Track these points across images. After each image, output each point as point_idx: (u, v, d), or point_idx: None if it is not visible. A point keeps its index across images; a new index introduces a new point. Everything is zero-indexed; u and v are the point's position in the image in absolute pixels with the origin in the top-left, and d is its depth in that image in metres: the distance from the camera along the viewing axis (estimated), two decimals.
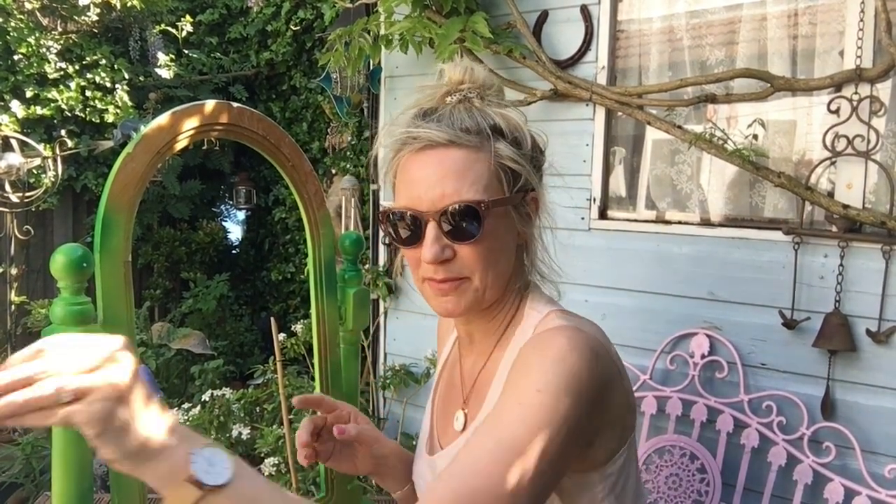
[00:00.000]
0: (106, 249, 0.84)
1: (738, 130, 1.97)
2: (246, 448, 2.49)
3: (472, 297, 0.86)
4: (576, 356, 0.79)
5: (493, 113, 0.87)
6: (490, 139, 0.84)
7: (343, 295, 1.21)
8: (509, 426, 0.76)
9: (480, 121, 0.85)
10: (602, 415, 0.82)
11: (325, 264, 1.16)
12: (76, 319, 0.78)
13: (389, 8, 2.36)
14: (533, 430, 0.74)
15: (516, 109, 0.90)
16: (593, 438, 0.83)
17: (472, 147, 0.83)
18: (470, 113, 0.85)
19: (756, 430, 1.85)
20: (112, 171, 0.86)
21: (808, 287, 1.86)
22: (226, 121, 0.95)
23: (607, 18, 2.19)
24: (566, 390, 0.77)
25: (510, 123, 0.87)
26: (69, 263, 0.78)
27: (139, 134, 0.87)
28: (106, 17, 4.14)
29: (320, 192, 1.15)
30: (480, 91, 0.88)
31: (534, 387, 0.78)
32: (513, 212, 0.87)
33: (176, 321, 4.34)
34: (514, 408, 0.78)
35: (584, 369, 0.78)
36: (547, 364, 0.79)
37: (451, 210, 0.81)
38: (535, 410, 0.76)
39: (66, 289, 0.79)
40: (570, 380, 0.77)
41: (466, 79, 0.88)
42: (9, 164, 3.22)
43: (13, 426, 3.18)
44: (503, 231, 0.86)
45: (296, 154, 1.07)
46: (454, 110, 0.85)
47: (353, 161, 3.98)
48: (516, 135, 0.87)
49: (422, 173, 0.84)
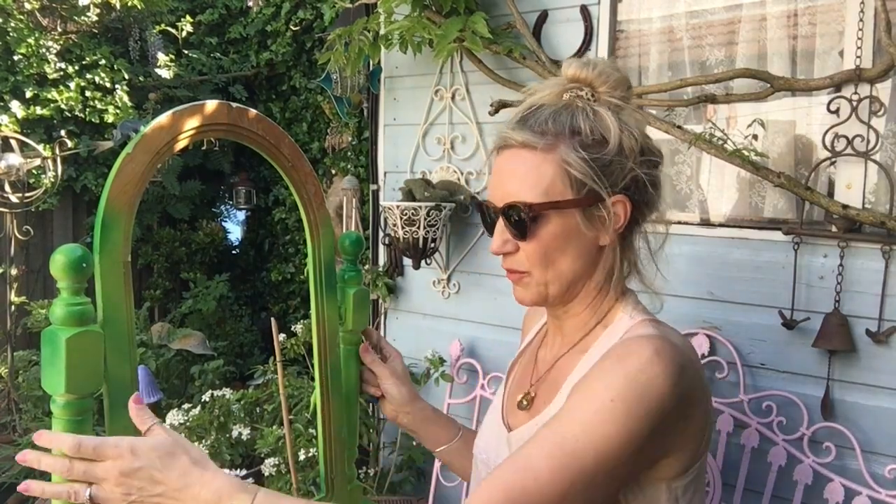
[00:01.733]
0: (106, 250, 0.84)
1: (738, 130, 1.97)
2: (246, 448, 2.49)
3: (536, 290, 0.90)
4: (659, 369, 0.78)
5: (586, 114, 0.87)
6: (566, 141, 0.85)
7: (343, 295, 1.20)
8: (574, 431, 0.75)
9: (564, 122, 0.86)
10: (678, 431, 0.80)
11: (324, 265, 1.16)
12: (76, 320, 0.78)
13: (389, 8, 2.36)
14: (596, 440, 0.74)
15: (633, 111, 0.90)
16: (666, 452, 0.81)
17: (543, 149, 0.85)
18: (561, 114, 0.87)
19: (756, 431, 1.85)
20: (111, 171, 0.86)
21: (807, 287, 1.86)
22: (225, 121, 0.95)
23: (607, 18, 2.20)
24: (640, 404, 0.75)
25: (596, 126, 0.86)
26: (69, 264, 0.78)
27: (139, 134, 0.87)
28: (106, 17, 4.14)
29: (320, 193, 1.15)
30: (593, 89, 0.88)
31: (608, 395, 0.77)
32: (580, 215, 0.86)
33: (176, 321, 4.34)
34: (583, 412, 0.77)
35: (665, 385, 0.77)
36: (627, 373, 0.78)
37: (506, 209, 0.87)
38: (604, 419, 0.75)
39: (66, 289, 0.79)
40: (646, 393, 0.76)
41: (581, 76, 0.89)
42: (8, 164, 3.22)
43: (13, 425, 3.17)
44: (564, 232, 0.86)
45: (295, 154, 1.07)
46: (545, 111, 0.88)
47: (353, 161, 3.98)
48: (597, 138, 0.86)
49: (496, 171, 0.91)
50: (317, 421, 1.22)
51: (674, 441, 0.81)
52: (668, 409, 0.77)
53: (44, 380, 0.79)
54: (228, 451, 2.44)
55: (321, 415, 1.20)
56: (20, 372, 3.44)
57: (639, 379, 0.77)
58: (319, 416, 1.21)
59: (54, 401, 0.79)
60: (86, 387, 0.80)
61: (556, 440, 0.76)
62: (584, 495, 0.73)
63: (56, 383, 0.77)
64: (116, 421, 0.85)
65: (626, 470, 0.78)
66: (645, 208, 0.90)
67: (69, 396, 0.78)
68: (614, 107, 0.88)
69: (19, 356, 3.54)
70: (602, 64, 0.90)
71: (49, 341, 0.77)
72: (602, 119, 0.86)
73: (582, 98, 0.87)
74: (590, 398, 0.78)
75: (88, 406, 0.81)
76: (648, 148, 0.89)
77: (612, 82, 0.88)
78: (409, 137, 2.67)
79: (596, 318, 0.92)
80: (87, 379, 0.79)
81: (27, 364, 3.50)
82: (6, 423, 3.34)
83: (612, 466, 0.75)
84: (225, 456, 2.43)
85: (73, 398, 0.79)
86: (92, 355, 0.79)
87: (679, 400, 0.78)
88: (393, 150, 2.74)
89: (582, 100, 0.87)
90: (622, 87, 0.90)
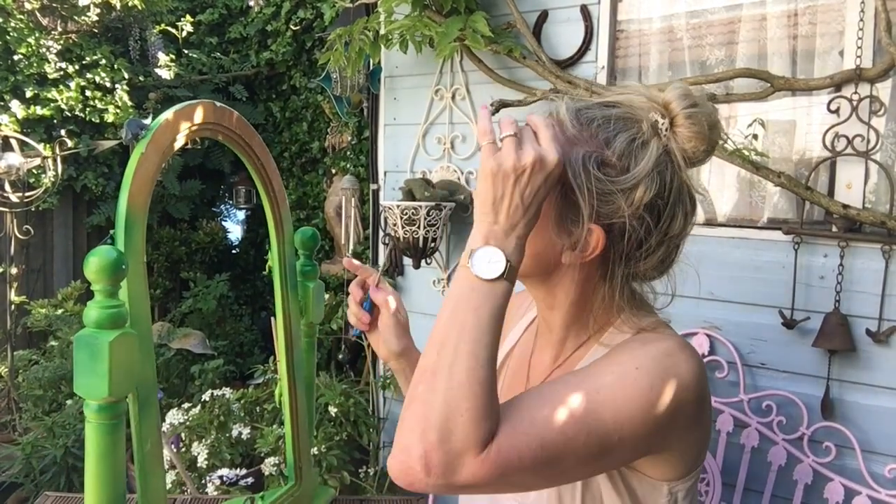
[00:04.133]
0: (130, 251, 0.83)
1: (738, 130, 1.97)
2: (246, 448, 2.49)
3: None
4: (684, 357, 0.77)
5: (636, 139, 0.78)
6: (590, 145, 0.79)
7: (303, 289, 1.23)
8: (594, 384, 0.74)
9: (608, 130, 0.79)
10: (689, 429, 0.79)
11: (288, 260, 1.18)
12: (111, 322, 0.77)
13: (389, 7, 2.36)
14: (616, 400, 0.72)
15: (684, 171, 0.80)
16: (674, 449, 0.80)
17: (567, 138, 0.80)
18: (617, 122, 0.79)
19: (756, 430, 1.85)
20: (128, 171, 0.85)
21: (807, 287, 1.86)
22: (213, 119, 0.96)
23: (607, 18, 2.20)
24: (664, 381, 0.74)
25: (632, 153, 0.78)
26: (105, 266, 0.76)
27: (149, 132, 0.86)
28: (106, 17, 4.14)
29: (282, 190, 1.18)
30: (673, 125, 0.80)
31: (633, 363, 0.76)
32: (553, 216, 0.80)
33: (176, 321, 4.34)
34: (606, 372, 0.76)
35: (689, 373, 0.76)
36: (653, 353, 0.78)
37: None
38: (625, 384, 0.74)
39: (101, 292, 0.77)
40: (671, 374, 0.75)
41: (672, 105, 0.80)
42: (9, 164, 3.22)
43: (13, 424, 3.17)
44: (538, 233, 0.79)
45: (264, 153, 1.11)
46: (609, 110, 0.81)
47: (353, 161, 3.98)
48: (622, 164, 0.78)
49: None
50: (283, 412, 1.25)
51: (684, 439, 0.80)
52: (688, 400, 0.76)
53: (79, 385, 0.77)
54: (228, 451, 2.44)
55: (289, 406, 1.23)
56: (20, 371, 3.44)
57: (664, 361, 0.76)
58: (287, 408, 1.23)
59: (88, 405, 0.77)
60: (125, 389, 0.79)
61: (574, 386, 0.74)
62: (584, 451, 0.71)
63: (97, 387, 0.76)
64: (144, 420, 0.85)
65: (636, 448, 0.76)
66: (621, 257, 0.81)
67: (109, 400, 0.77)
68: (673, 155, 0.79)
69: (19, 356, 3.53)
70: (704, 108, 0.80)
71: (87, 345, 0.76)
72: (646, 151, 0.78)
73: (652, 125, 0.79)
74: (613, 364, 0.76)
75: (124, 408, 0.81)
76: (656, 207, 0.79)
77: (695, 130, 0.78)
78: (409, 137, 2.67)
79: (587, 333, 0.89)
80: (125, 381, 0.78)
81: (27, 363, 3.50)
82: (6, 422, 3.33)
83: (632, 436, 0.73)
84: (225, 455, 2.43)
85: (111, 401, 0.78)
86: (129, 357, 0.78)
87: (698, 396, 0.77)
88: (393, 150, 2.74)
89: (650, 124, 0.79)
90: (701, 142, 0.79)
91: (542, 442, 0.69)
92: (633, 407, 0.73)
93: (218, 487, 2.29)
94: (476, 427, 0.67)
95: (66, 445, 2.78)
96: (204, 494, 2.23)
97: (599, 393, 0.73)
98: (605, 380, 0.74)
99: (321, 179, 4.52)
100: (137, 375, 0.81)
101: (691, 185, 0.82)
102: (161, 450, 0.90)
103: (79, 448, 2.76)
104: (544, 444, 0.69)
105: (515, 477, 0.69)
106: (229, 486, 2.30)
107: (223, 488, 2.29)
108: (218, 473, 2.34)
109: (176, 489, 2.30)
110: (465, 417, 0.67)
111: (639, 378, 0.74)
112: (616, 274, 0.82)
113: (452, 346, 0.71)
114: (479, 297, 0.73)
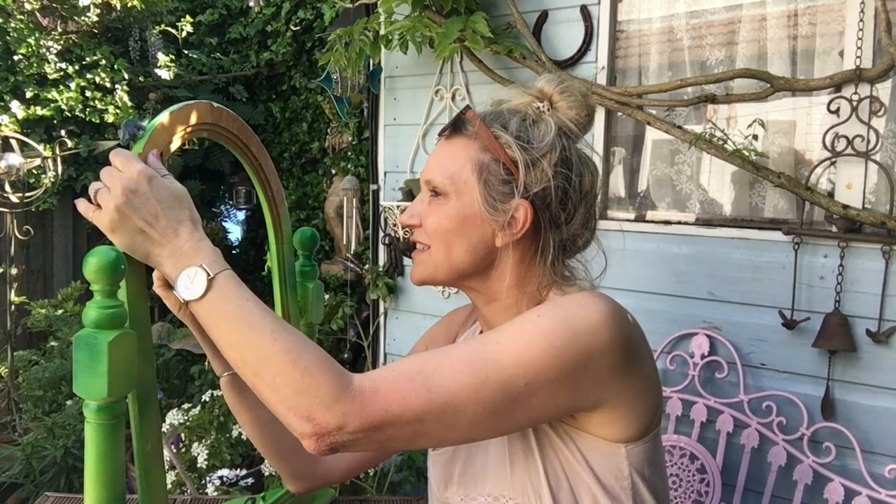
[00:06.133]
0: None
1: (738, 130, 1.97)
2: (246, 448, 2.49)
3: (426, 268, 0.92)
4: (594, 303, 0.77)
5: (527, 119, 0.88)
6: (491, 132, 0.87)
7: (303, 290, 1.23)
8: (496, 336, 0.76)
9: (501, 119, 0.89)
10: (622, 379, 0.78)
11: (287, 261, 1.18)
12: (110, 322, 0.77)
13: (389, 8, 2.36)
14: (515, 345, 0.73)
15: (584, 108, 0.89)
16: (610, 401, 0.79)
17: (469, 135, 0.88)
18: (504, 114, 0.89)
19: (756, 431, 1.85)
20: None
21: (807, 287, 1.87)
22: (209, 120, 0.96)
23: (607, 18, 2.20)
24: (566, 323, 0.74)
25: (530, 131, 0.87)
26: (104, 266, 0.76)
27: (145, 133, 0.86)
28: (106, 17, 4.14)
29: (281, 191, 1.18)
30: (552, 104, 0.90)
31: (535, 313, 0.77)
32: (481, 204, 0.86)
33: (176, 321, 4.33)
34: (510, 324, 0.77)
35: (599, 318, 0.75)
36: (559, 302, 0.80)
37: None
38: (525, 329, 0.75)
39: (100, 292, 0.77)
40: (576, 318, 0.75)
41: (545, 90, 0.90)
42: (9, 164, 3.22)
43: (13, 424, 3.17)
44: (459, 215, 0.87)
45: (262, 153, 1.11)
46: (498, 109, 0.91)
47: (353, 161, 3.98)
48: (523, 141, 0.86)
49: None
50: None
51: (616, 391, 0.78)
52: (599, 344, 0.75)
53: (79, 385, 0.77)
54: (228, 451, 2.44)
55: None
56: (20, 371, 3.44)
57: (570, 307, 0.77)
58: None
59: (87, 405, 0.77)
60: (124, 389, 0.79)
61: (475, 343, 0.76)
62: (506, 401, 0.72)
63: (96, 387, 0.76)
64: (145, 420, 0.85)
65: (566, 399, 0.76)
66: (550, 223, 0.86)
67: (108, 400, 0.77)
68: (563, 124, 0.88)
69: (19, 356, 3.53)
70: (572, 82, 0.90)
71: (86, 345, 0.76)
72: (539, 127, 0.87)
73: (536, 109, 0.89)
74: (517, 319, 0.79)
75: (124, 409, 0.81)
76: (567, 165, 0.86)
77: (571, 101, 0.88)
78: (409, 137, 2.67)
79: (530, 303, 0.90)
80: (125, 381, 0.78)
81: (27, 364, 3.50)
82: (6, 422, 3.33)
83: (539, 381, 0.73)
84: (225, 456, 2.42)
85: (110, 401, 0.78)
86: (129, 357, 0.78)
87: (612, 342, 0.76)
88: (393, 150, 2.74)
89: (534, 109, 0.89)
90: (580, 109, 0.89)
91: (429, 385, 0.71)
92: (533, 350, 0.73)
93: (218, 488, 2.29)
94: (321, 371, 0.70)
95: (65, 446, 2.77)
96: (204, 495, 2.23)
97: (500, 343, 0.74)
98: (509, 331, 0.76)
99: (321, 180, 4.52)
100: (137, 375, 0.81)
101: (586, 151, 0.92)
102: (161, 450, 0.90)
103: (79, 448, 2.76)
104: (431, 388, 0.71)
105: (414, 424, 0.70)
106: (229, 487, 2.30)
107: (223, 489, 2.28)
108: (218, 474, 2.34)
109: (176, 490, 2.30)
110: (306, 372, 0.70)
111: (539, 323, 0.75)
112: (549, 243, 0.87)
113: (251, 364, 0.74)
114: (217, 312, 0.78)
